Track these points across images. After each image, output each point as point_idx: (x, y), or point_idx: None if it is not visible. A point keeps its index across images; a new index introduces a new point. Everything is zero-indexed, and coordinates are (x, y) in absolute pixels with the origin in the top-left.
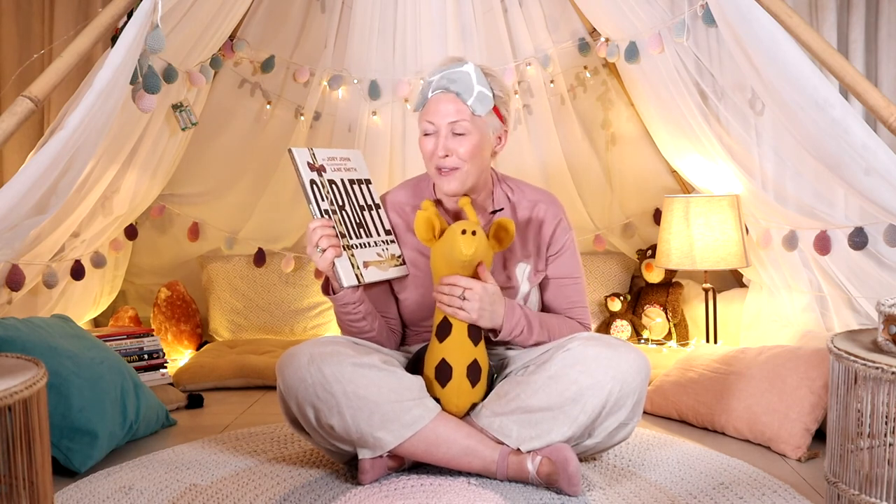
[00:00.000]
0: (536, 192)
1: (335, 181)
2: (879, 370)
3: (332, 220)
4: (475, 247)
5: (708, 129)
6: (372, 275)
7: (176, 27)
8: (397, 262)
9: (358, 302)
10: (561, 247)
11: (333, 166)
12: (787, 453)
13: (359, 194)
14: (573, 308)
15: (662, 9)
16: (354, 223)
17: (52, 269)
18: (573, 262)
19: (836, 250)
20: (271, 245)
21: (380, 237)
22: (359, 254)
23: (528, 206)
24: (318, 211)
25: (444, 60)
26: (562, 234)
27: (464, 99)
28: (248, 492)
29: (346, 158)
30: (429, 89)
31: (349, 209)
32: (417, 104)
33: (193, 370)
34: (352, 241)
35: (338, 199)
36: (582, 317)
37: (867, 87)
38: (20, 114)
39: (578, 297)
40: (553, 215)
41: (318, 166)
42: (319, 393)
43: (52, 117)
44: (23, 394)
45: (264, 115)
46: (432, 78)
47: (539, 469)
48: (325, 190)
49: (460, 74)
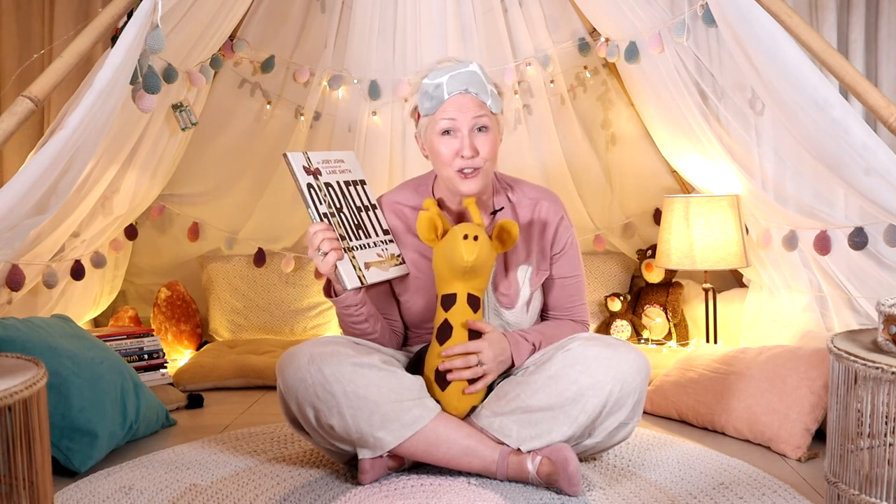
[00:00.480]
0: (536, 189)
1: (331, 184)
2: (879, 370)
3: (332, 223)
4: (477, 253)
5: (708, 129)
6: (374, 275)
7: (176, 27)
8: (397, 262)
9: (360, 304)
10: (564, 245)
11: (328, 169)
12: (787, 453)
13: (355, 196)
14: (575, 307)
15: (662, 9)
16: (353, 225)
17: (52, 269)
18: (575, 259)
19: (836, 250)
20: (271, 245)
21: (378, 237)
22: (360, 255)
23: (530, 205)
24: (316, 215)
25: (442, 61)
26: (564, 232)
27: (482, 99)
28: (248, 492)
29: (340, 160)
30: (442, 91)
31: (347, 211)
32: (429, 108)
33: (193, 370)
34: (352, 243)
35: (335, 202)
36: (582, 315)
37: (867, 87)
38: (20, 114)
39: (580, 296)
40: (555, 214)
41: (314, 170)
42: (319, 393)
43: (52, 117)
44: (23, 394)
45: (264, 115)
46: (439, 80)
47: (539, 469)
48: (323, 193)
49: (471, 75)
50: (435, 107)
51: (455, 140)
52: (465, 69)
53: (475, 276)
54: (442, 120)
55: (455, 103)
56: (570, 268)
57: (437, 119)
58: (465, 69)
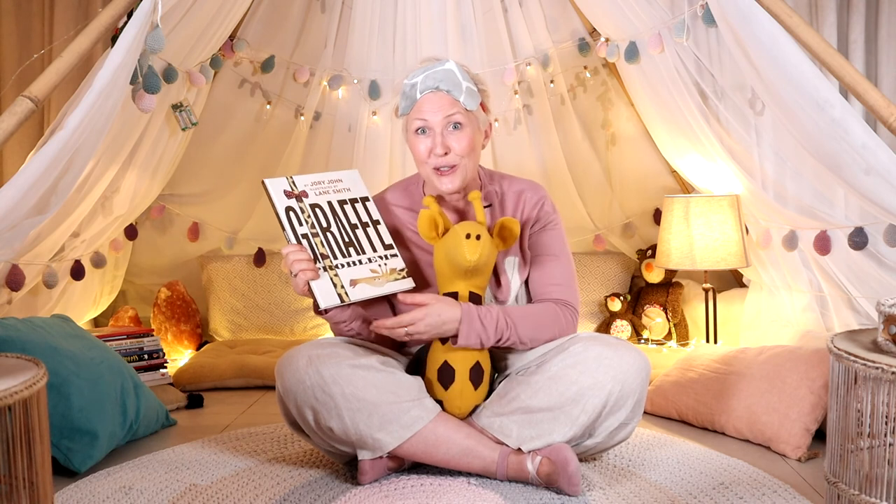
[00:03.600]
0: (520, 182)
1: (320, 204)
2: (879, 370)
3: (311, 243)
4: (479, 252)
5: (708, 129)
6: (361, 292)
7: (176, 27)
8: (398, 276)
9: (349, 320)
10: (542, 225)
11: (319, 190)
12: (787, 453)
13: (350, 213)
14: (553, 286)
15: (662, 9)
16: (342, 243)
17: (52, 269)
18: (553, 241)
19: (836, 250)
20: (271, 245)
21: (376, 252)
22: (343, 273)
23: (514, 198)
24: (291, 237)
25: (421, 61)
26: (544, 214)
27: (455, 96)
28: (248, 492)
29: (338, 180)
30: (415, 91)
31: (336, 230)
32: (404, 108)
33: (193, 370)
34: (335, 262)
35: (321, 222)
36: (565, 296)
37: (867, 87)
38: (20, 114)
39: (561, 277)
40: (537, 200)
41: (299, 193)
42: (318, 395)
43: (52, 117)
44: (23, 394)
45: (264, 115)
46: (415, 80)
47: (539, 469)
48: (306, 214)
49: (445, 73)
50: (409, 106)
51: (428, 139)
52: (440, 67)
53: (477, 275)
54: (415, 119)
55: (427, 101)
56: (546, 247)
57: (412, 118)
58: (440, 67)
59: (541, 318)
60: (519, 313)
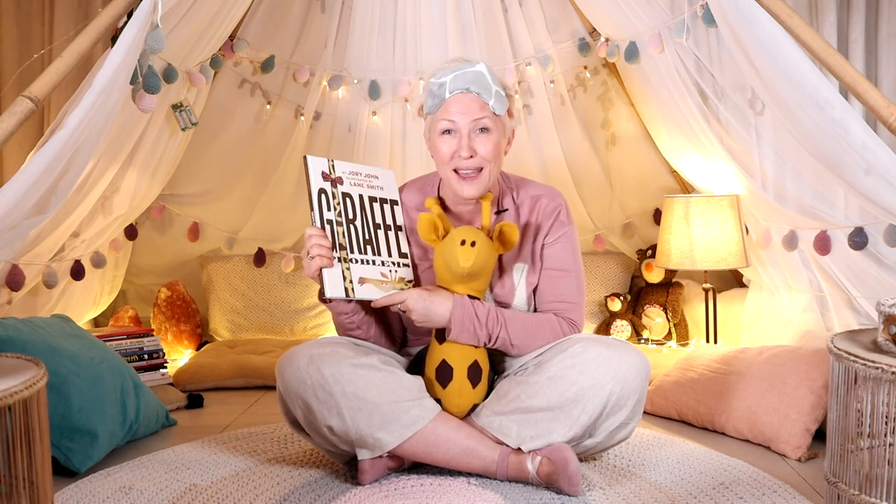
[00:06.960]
0: (538, 187)
1: (351, 195)
2: (879, 370)
3: (334, 231)
4: (473, 259)
5: (708, 129)
6: (366, 292)
7: (176, 27)
8: (404, 286)
9: (352, 312)
10: (556, 237)
11: (355, 181)
12: (787, 453)
13: (377, 212)
14: (559, 301)
15: (662, 9)
16: (361, 238)
17: (52, 269)
18: (566, 254)
19: (836, 250)
20: (271, 245)
21: (390, 258)
22: (356, 269)
23: (530, 204)
24: (318, 220)
25: (450, 60)
26: (559, 225)
27: (484, 99)
28: (248, 492)
29: (374, 176)
30: (444, 90)
31: (360, 224)
32: (430, 106)
33: (193, 370)
34: (351, 255)
35: (348, 213)
36: (570, 313)
37: (867, 87)
38: (20, 114)
39: (568, 292)
40: (552, 209)
41: (335, 178)
42: (319, 394)
43: (52, 117)
44: (23, 394)
45: (264, 115)
46: (444, 79)
47: (539, 469)
48: (336, 201)
49: (476, 74)
50: (437, 105)
51: (454, 140)
52: (471, 69)
53: (474, 279)
54: (442, 120)
55: (456, 103)
56: (557, 261)
57: (438, 118)
58: (471, 69)
59: (536, 326)
60: (513, 315)
